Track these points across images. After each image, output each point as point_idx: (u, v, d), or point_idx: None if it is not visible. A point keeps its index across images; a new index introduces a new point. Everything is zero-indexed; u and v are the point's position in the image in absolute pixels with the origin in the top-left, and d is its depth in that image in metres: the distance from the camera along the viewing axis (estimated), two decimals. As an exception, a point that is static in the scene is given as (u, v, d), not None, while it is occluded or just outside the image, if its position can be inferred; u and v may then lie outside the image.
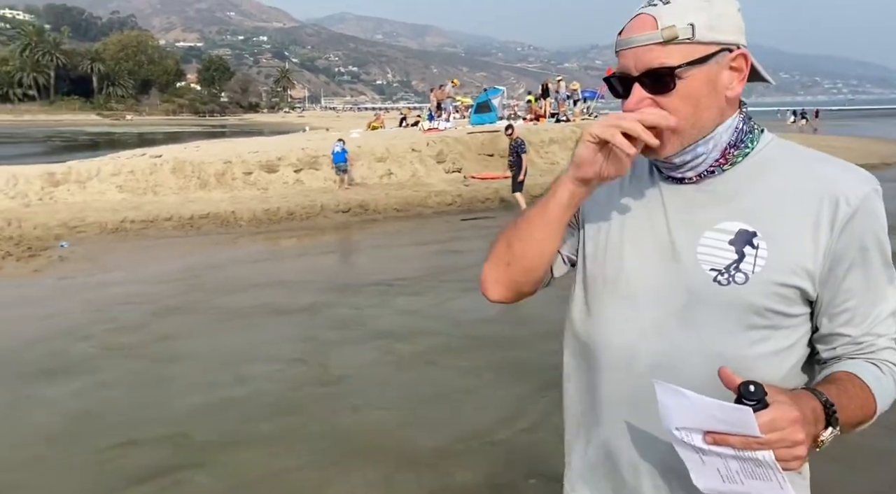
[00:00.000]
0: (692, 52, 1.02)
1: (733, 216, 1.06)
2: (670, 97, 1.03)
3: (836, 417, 0.94)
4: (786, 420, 0.86)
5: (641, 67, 1.03)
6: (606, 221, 1.17)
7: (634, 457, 1.12)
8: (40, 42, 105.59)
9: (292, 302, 6.73)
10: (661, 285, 1.09)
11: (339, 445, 3.69)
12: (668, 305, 1.08)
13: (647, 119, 1.01)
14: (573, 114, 24.06)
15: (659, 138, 1.03)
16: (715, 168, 1.08)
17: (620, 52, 1.06)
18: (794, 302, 1.04)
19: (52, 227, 11.10)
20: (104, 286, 7.75)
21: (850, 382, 1.01)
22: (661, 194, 1.12)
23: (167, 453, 3.66)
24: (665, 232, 1.10)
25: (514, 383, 4.50)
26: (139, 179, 13.85)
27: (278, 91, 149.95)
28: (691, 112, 1.04)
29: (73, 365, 5.06)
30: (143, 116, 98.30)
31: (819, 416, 0.93)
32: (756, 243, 1.03)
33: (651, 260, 1.10)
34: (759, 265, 1.03)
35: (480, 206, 13.91)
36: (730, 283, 1.03)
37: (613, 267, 1.14)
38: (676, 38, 1.01)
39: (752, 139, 1.09)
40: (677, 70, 1.02)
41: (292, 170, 15.18)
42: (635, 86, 1.04)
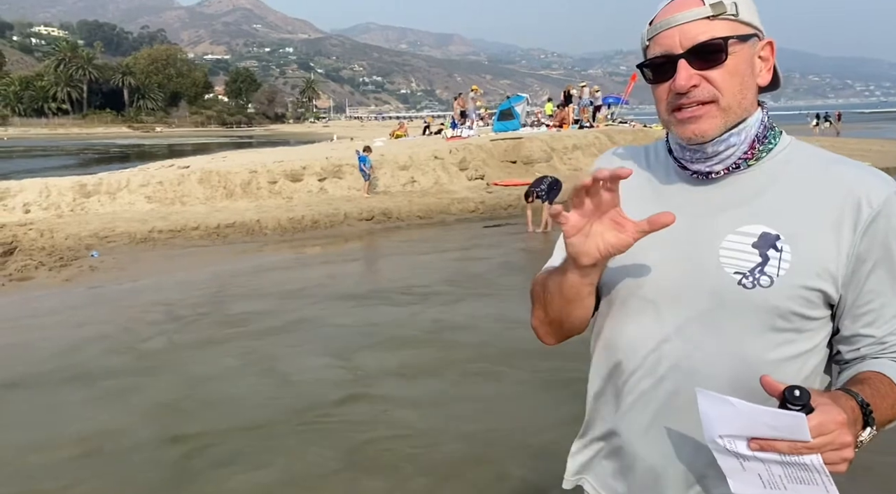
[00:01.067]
0: (737, 27, 1.04)
1: (755, 218, 1.06)
2: (720, 71, 1.03)
3: (872, 416, 0.94)
4: (834, 423, 0.85)
5: (689, 43, 1.03)
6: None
7: (655, 462, 1.11)
8: (74, 57, 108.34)
9: (317, 310, 6.79)
10: (684, 289, 1.08)
11: (364, 451, 3.71)
12: (691, 309, 1.07)
13: (601, 174, 0.97)
14: (597, 120, 23.96)
15: (710, 114, 1.04)
16: (741, 162, 1.08)
17: (661, 33, 1.06)
18: (817, 305, 1.04)
19: (83, 237, 11.35)
20: (133, 294, 7.90)
21: (880, 381, 1.00)
22: (683, 197, 1.12)
23: (195, 457, 3.71)
24: (687, 235, 1.09)
25: (542, 391, 4.48)
26: (167, 190, 14.11)
27: (304, 101, 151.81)
28: (738, 89, 1.05)
29: (103, 372, 5.15)
30: (172, 128, 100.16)
31: (857, 416, 0.93)
32: (780, 246, 1.03)
33: (673, 264, 1.10)
34: (784, 268, 1.03)
35: (503, 213, 13.90)
36: (755, 286, 1.03)
37: (636, 271, 1.13)
38: (724, 12, 1.03)
39: (774, 136, 1.11)
40: (729, 41, 1.03)
41: (316, 179, 15.34)
42: (681, 63, 1.04)
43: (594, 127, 22.30)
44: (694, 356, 1.06)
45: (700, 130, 1.05)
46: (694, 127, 1.05)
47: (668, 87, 1.07)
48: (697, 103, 1.04)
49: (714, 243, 1.06)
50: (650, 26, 1.08)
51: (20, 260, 10.07)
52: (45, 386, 4.89)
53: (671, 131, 1.11)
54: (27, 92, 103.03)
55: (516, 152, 17.87)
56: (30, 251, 10.66)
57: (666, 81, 1.07)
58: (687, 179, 1.13)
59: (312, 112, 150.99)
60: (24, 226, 11.62)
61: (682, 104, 1.05)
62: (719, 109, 1.04)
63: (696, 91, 1.04)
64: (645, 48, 1.10)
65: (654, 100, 1.11)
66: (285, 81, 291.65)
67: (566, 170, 17.94)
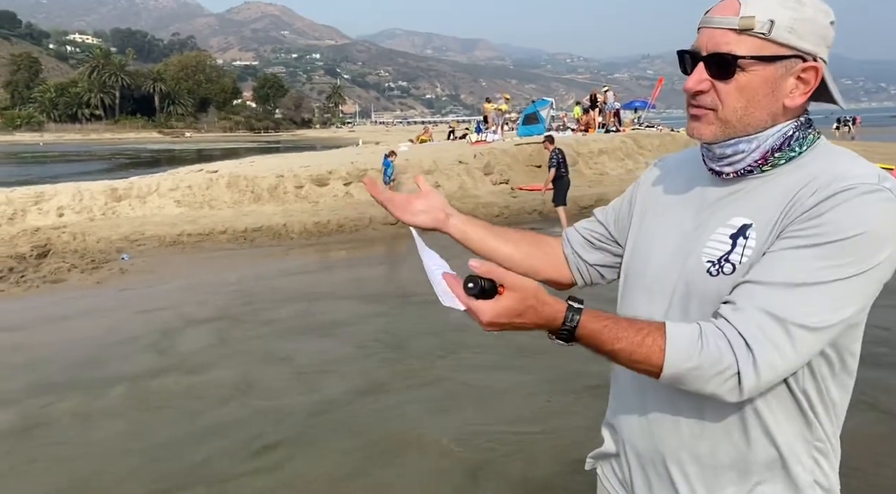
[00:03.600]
0: (762, 47, 1.02)
1: (743, 212, 1.07)
2: (727, 85, 1.04)
3: (566, 335, 1.01)
4: (484, 313, 0.99)
5: (710, 48, 1.04)
6: (647, 220, 1.24)
7: (634, 441, 1.19)
8: (107, 64, 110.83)
9: (342, 313, 6.83)
10: (671, 279, 1.13)
11: (389, 450, 3.71)
12: (672, 296, 1.12)
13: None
14: (623, 124, 23.79)
15: (707, 119, 1.07)
16: (754, 168, 1.07)
17: (701, 29, 1.08)
18: None
19: (114, 241, 11.57)
20: (162, 297, 8.03)
21: (639, 330, 0.99)
22: (698, 190, 1.16)
23: (218, 458, 3.75)
24: (689, 229, 1.13)
25: (566, 387, 4.45)
26: (196, 194, 14.32)
27: (330, 107, 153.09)
28: (742, 106, 1.05)
29: (133, 374, 5.24)
30: (201, 133, 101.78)
31: (548, 325, 1.01)
32: (748, 234, 1.04)
33: (669, 255, 1.14)
34: (746, 255, 1.03)
35: (528, 218, 13.86)
36: (719, 274, 1.05)
37: (642, 261, 1.20)
38: (751, 29, 1.01)
39: (800, 144, 1.06)
40: (740, 60, 1.02)
41: (342, 184, 15.45)
42: (699, 65, 1.06)
43: (620, 131, 22.13)
44: None
45: (697, 131, 1.09)
46: (694, 125, 1.09)
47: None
48: (699, 106, 1.08)
49: (705, 236, 1.09)
50: (704, 14, 1.09)
51: (53, 262, 10.29)
52: (73, 388, 4.98)
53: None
54: (62, 98, 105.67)
55: (541, 157, 17.77)
56: (63, 253, 10.90)
57: (688, 75, 1.10)
58: (708, 177, 1.15)
59: (338, 117, 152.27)
60: (58, 229, 11.88)
61: (689, 102, 1.10)
62: (717, 118, 1.06)
63: (702, 96, 1.07)
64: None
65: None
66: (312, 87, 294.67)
67: (592, 174, 17.82)
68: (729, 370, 0.95)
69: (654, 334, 0.98)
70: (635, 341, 0.99)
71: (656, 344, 0.97)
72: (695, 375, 0.96)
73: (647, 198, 1.27)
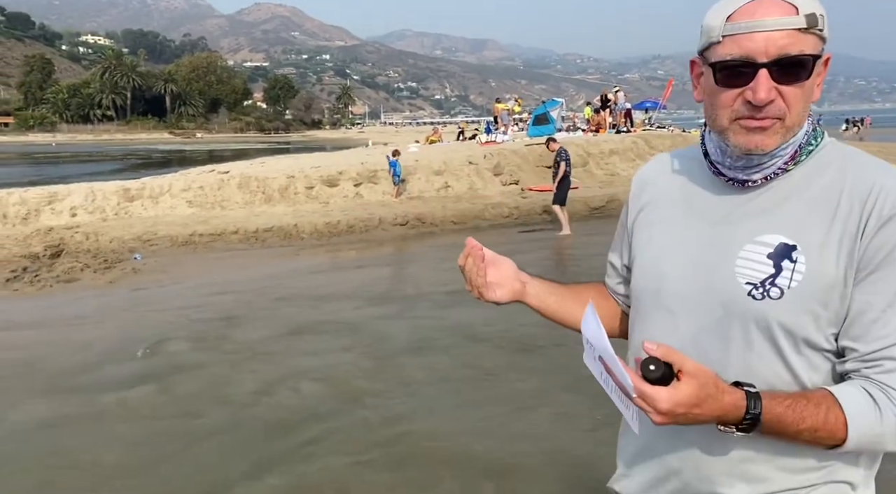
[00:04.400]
0: (818, 44, 0.99)
1: (775, 228, 1.02)
2: (796, 89, 0.98)
3: (749, 425, 0.95)
4: (665, 402, 0.91)
5: (777, 53, 0.96)
6: (655, 234, 1.17)
7: (673, 461, 1.13)
8: (119, 65, 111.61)
9: (352, 313, 6.85)
10: (698, 298, 1.07)
11: (394, 453, 3.72)
12: (704, 319, 1.06)
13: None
14: (635, 125, 23.72)
15: (774, 129, 1.00)
16: (780, 171, 1.04)
17: (745, 35, 0.97)
18: (827, 322, 0.99)
19: (127, 241, 11.65)
20: (174, 296, 8.08)
21: (817, 405, 0.95)
22: (712, 203, 1.10)
23: (225, 458, 3.77)
24: (707, 243, 1.08)
25: (575, 394, 4.44)
26: (207, 194, 14.40)
27: (340, 108, 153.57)
28: (803, 108, 1.01)
29: (145, 373, 5.27)
30: (212, 134, 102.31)
31: (727, 416, 0.94)
32: (795, 257, 0.99)
33: (690, 273, 1.08)
34: (796, 280, 0.98)
35: (538, 219, 13.83)
36: (764, 298, 1.00)
37: (656, 279, 1.14)
38: (816, 26, 0.96)
39: (815, 137, 1.06)
40: (816, 60, 0.98)
41: (352, 184, 15.49)
42: (763, 73, 0.97)
43: (631, 131, 22.06)
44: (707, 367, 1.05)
45: (764, 144, 1.00)
46: (759, 139, 1.00)
47: (736, 94, 1.00)
48: (766, 117, 0.99)
49: (732, 252, 1.04)
50: (728, 21, 0.99)
51: (67, 262, 10.38)
52: (85, 387, 5.02)
53: (727, 139, 1.04)
54: (74, 99, 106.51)
55: (552, 157, 17.74)
56: (76, 253, 10.99)
57: (737, 87, 1.00)
58: (719, 185, 1.09)
59: (348, 118, 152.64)
60: (71, 229, 11.98)
61: (752, 116, 1.00)
62: (783, 126, 1.00)
63: (770, 106, 0.98)
64: (713, 43, 1.01)
65: (712, 103, 1.04)
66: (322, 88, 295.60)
67: (602, 174, 17.77)
68: None
69: (833, 408, 0.96)
70: (819, 419, 0.95)
71: (838, 419, 0.95)
72: (875, 442, 0.97)
73: (646, 212, 1.21)
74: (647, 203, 1.21)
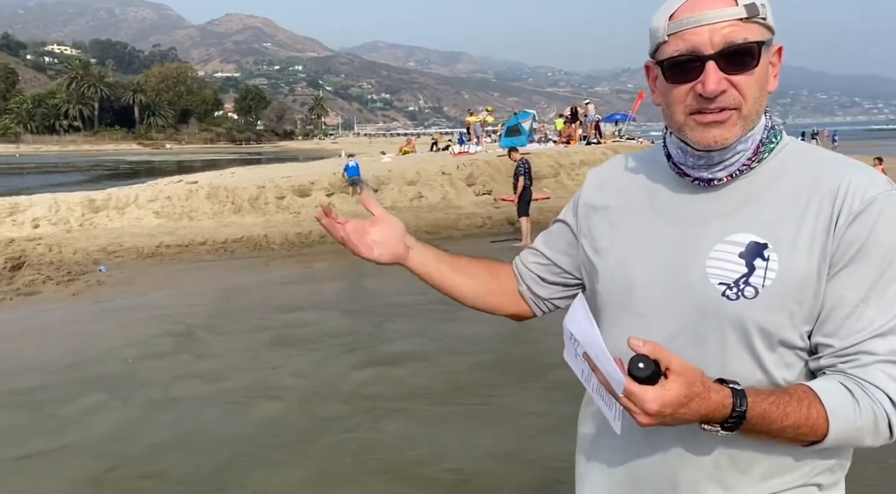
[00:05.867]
0: (762, 32, 0.99)
1: (745, 227, 1.01)
2: (747, 77, 0.98)
3: (735, 423, 0.92)
4: (652, 402, 0.87)
5: (722, 43, 0.96)
6: (619, 237, 1.14)
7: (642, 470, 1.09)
8: (86, 75, 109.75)
9: (324, 324, 6.74)
10: (671, 301, 1.05)
11: (363, 464, 3.64)
12: (678, 321, 1.04)
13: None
14: (604, 136, 24.02)
15: (732, 121, 0.99)
16: (745, 167, 1.04)
17: (689, 30, 0.98)
18: (801, 320, 0.98)
19: (92, 252, 11.37)
20: (139, 309, 7.88)
21: (799, 401, 0.94)
22: (677, 204, 1.09)
23: (188, 471, 3.65)
24: (676, 245, 1.06)
25: (551, 402, 4.40)
26: (175, 205, 14.16)
27: (312, 118, 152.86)
28: (758, 96, 1.00)
29: (105, 387, 5.11)
30: (182, 145, 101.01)
31: (714, 415, 0.91)
32: (767, 255, 0.98)
33: (660, 275, 1.06)
34: (770, 278, 0.98)
35: (510, 229, 13.86)
36: (738, 298, 0.99)
37: (624, 283, 1.11)
38: (757, 15, 0.97)
39: (774, 134, 1.06)
40: (762, 46, 0.98)
41: (324, 194, 15.37)
42: (711, 65, 0.97)
43: (601, 143, 22.33)
44: None
45: (722, 137, 1.00)
46: (717, 132, 0.99)
47: (688, 89, 1.00)
48: (720, 109, 0.99)
49: (702, 253, 1.02)
50: (671, 20, 1.00)
51: (28, 274, 10.08)
52: (42, 402, 4.84)
53: (685, 135, 1.03)
54: (39, 109, 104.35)
55: (524, 168, 17.87)
56: (38, 265, 10.68)
57: (687, 82, 1.00)
58: (684, 186, 1.08)
59: (321, 129, 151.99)
60: (33, 241, 11.66)
61: (705, 108, 0.99)
62: (740, 117, 0.99)
63: (723, 97, 0.98)
64: (660, 43, 1.02)
65: (667, 102, 1.04)
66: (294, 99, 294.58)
67: (573, 185, 17.91)
68: (883, 425, 0.96)
69: (814, 403, 0.94)
70: (802, 415, 0.94)
71: (820, 415, 0.94)
72: (854, 436, 0.97)
73: (605, 214, 1.18)
74: (607, 205, 1.18)
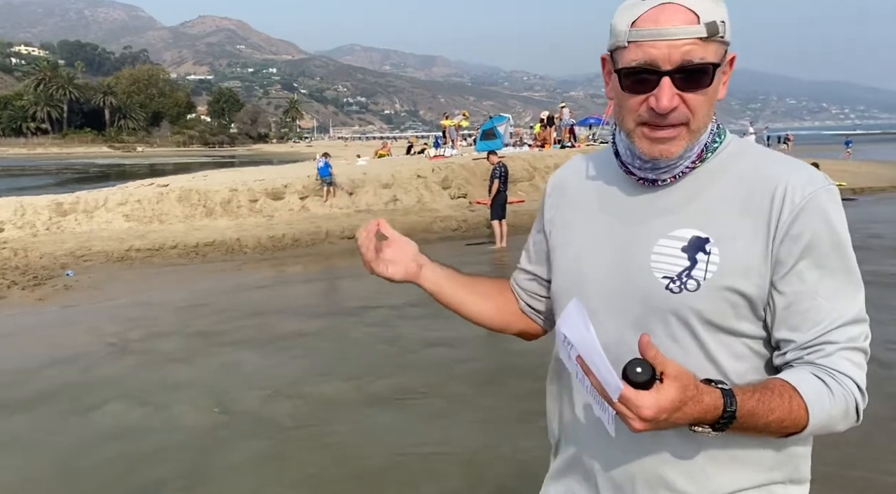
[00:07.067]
0: (720, 50, 1.00)
1: (687, 222, 1.03)
2: (699, 95, 1.00)
3: (724, 424, 0.93)
4: (648, 409, 0.86)
5: (680, 61, 0.97)
6: (571, 235, 1.18)
7: (607, 469, 1.10)
8: (54, 77, 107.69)
9: (296, 327, 6.67)
10: (618, 296, 1.07)
11: (333, 472, 3.60)
12: (625, 316, 1.07)
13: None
14: (579, 140, 24.21)
15: (681, 136, 1.01)
16: (688, 169, 1.06)
17: (648, 42, 0.98)
18: (745, 313, 1.01)
19: (59, 256, 11.14)
20: (108, 314, 7.73)
21: (780, 395, 0.96)
22: (624, 202, 1.11)
23: (152, 481, 3.58)
24: (623, 242, 1.09)
25: (530, 406, 4.40)
26: (146, 208, 13.94)
27: (287, 121, 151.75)
28: (707, 111, 1.02)
29: (69, 393, 4.99)
30: (153, 148, 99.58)
31: (706, 416, 0.92)
32: (709, 249, 1.01)
33: (608, 271, 1.09)
34: (711, 271, 1.00)
35: (486, 232, 13.87)
36: (682, 290, 1.01)
37: (576, 280, 1.14)
38: (716, 34, 0.98)
39: (719, 135, 1.08)
40: (717, 67, 0.99)
41: (298, 198, 15.26)
42: (665, 81, 0.98)
43: (576, 146, 22.51)
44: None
45: (668, 151, 1.02)
46: (663, 148, 1.02)
47: (641, 100, 1.01)
48: (670, 125, 1.00)
49: (647, 248, 1.05)
50: (633, 27, 0.99)
51: (-8, 279, 9.84)
52: (7, 408, 4.71)
53: (633, 143, 1.05)
54: (6, 111, 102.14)
55: (498, 171, 17.93)
56: (2, 270, 10.43)
57: (642, 93, 1.00)
58: (631, 184, 1.11)
59: (296, 132, 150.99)
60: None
61: (655, 123, 1.01)
62: (689, 132, 1.01)
63: (674, 113, 0.99)
64: (620, 47, 1.01)
65: (619, 106, 1.06)
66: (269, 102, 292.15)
67: (548, 188, 18.04)
68: (853, 410, 1.00)
69: (794, 395, 0.96)
70: (785, 409, 0.95)
71: (801, 407, 0.96)
72: (829, 424, 0.99)
73: (561, 214, 1.21)
74: (562, 205, 1.22)
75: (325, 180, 15.38)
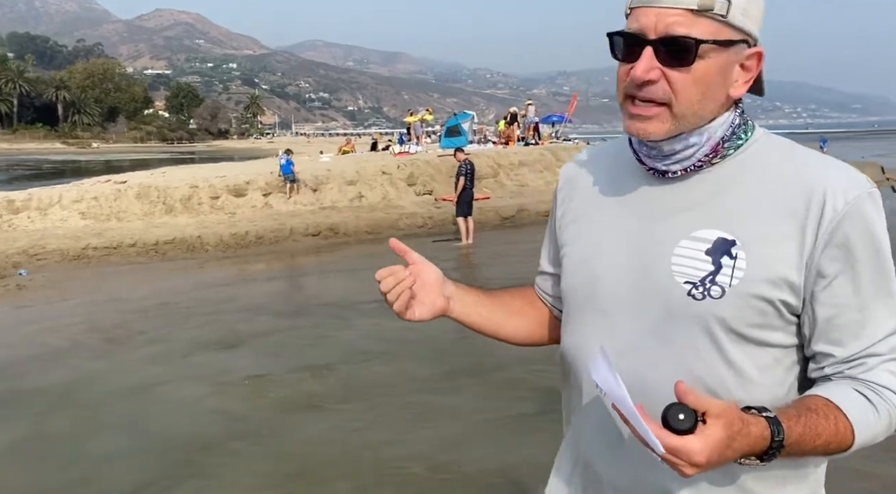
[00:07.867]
0: (720, 31, 0.91)
1: (711, 223, 0.95)
2: (683, 74, 0.91)
3: (773, 454, 0.87)
4: (697, 454, 0.80)
5: (662, 31, 0.90)
6: (583, 230, 1.09)
7: (621, 483, 1.03)
8: (3, 70, 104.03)
9: (260, 326, 6.57)
10: (636, 299, 0.99)
11: (306, 468, 3.56)
12: (643, 321, 0.99)
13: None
14: (542, 138, 24.39)
15: (660, 118, 0.94)
16: (704, 163, 0.97)
17: (638, 8, 0.93)
18: (774, 322, 0.94)
19: (11, 255, 10.78)
20: (63, 313, 7.50)
21: (825, 416, 0.90)
22: (639, 196, 1.03)
23: (120, 484, 3.49)
24: (640, 240, 1.00)
25: (507, 401, 4.42)
26: (102, 206, 13.57)
27: (248, 117, 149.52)
28: (697, 98, 0.93)
29: (24, 399, 4.84)
30: (109, 144, 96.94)
31: (755, 449, 0.86)
32: (735, 253, 0.93)
33: (625, 272, 1.01)
34: (737, 277, 0.93)
35: (452, 228, 13.88)
36: (705, 297, 0.93)
37: (588, 279, 1.05)
38: (711, 10, 0.90)
39: (745, 130, 0.99)
40: (702, 45, 0.90)
41: (261, 194, 15.04)
42: (647, 50, 0.91)
43: (539, 144, 22.67)
44: (648, 373, 0.97)
45: (645, 131, 0.95)
46: (640, 126, 0.95)
47: (628, 69, 0.95)
48: (649, 101, 0.93)
49: (667, 249, 0.97)
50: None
51: (-61, 279, 9.47)
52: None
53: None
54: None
55: (463, 168, 17.95)
56: (-50, 270, 10.05)
57: (627, 62, 0.95)
58: (643, 175, 1.02)
59: (257, 128, 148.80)
60: (-55, 244, 10.97)
61: (634, 95, 0.94)
62: (671, 115, 0.93)
63: (652, 87, 0.92)
64: (626, 15, 0.97)
65: (617, 78, 0.99)
66: (229, 97, 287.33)
67: (512, 185, 18.12)
68: (895, 423, 0.96)
69: (839, 416, 0.91)
70: (831, 431, 0.90)
71: (847, 428, 0.91)
72: (872, 441, 0.95)
73: (573, 206, 1.13)
74: (573, 198, 1.13)
75: (287, 177, 15.16)
